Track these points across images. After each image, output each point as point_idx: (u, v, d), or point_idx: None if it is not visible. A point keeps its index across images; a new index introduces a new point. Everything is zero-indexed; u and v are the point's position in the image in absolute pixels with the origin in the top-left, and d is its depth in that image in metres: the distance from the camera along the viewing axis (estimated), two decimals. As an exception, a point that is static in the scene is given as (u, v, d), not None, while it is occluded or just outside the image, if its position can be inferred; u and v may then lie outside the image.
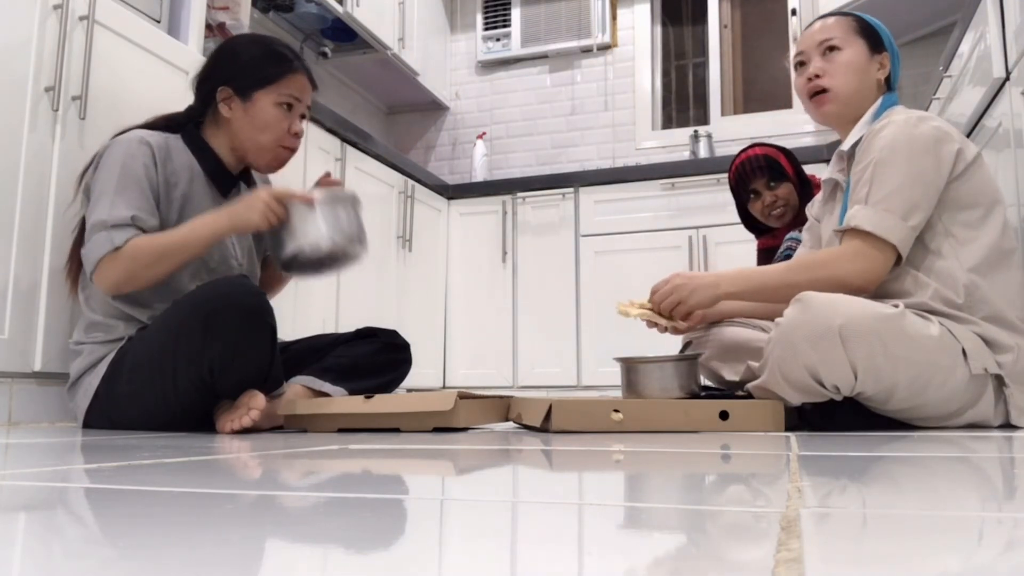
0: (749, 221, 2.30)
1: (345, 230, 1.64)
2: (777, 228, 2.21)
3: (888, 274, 1.48)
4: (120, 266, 1.52)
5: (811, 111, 1.64)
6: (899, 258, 1.45)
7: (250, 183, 1.82)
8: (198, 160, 1.68)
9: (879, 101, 1.59)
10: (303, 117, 1.75)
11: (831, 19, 1.63)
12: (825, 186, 1.71)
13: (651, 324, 1.64)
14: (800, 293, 1.39)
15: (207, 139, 1.71)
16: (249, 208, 1.55)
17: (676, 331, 1.67)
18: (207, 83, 1.69)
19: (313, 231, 1.60)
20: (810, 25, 1.67)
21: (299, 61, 1.73)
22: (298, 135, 1.73)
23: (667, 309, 1.57)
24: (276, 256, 1.65)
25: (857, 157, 1.53)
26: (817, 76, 1.59)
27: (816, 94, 1.59)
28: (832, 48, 1.59)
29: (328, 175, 1.79)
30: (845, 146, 1.60)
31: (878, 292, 1.50)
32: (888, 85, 1.62)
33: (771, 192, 2.17)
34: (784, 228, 2.19)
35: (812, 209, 1.80)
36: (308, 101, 1.75)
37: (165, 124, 1.72)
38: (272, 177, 1.97)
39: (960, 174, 1.46)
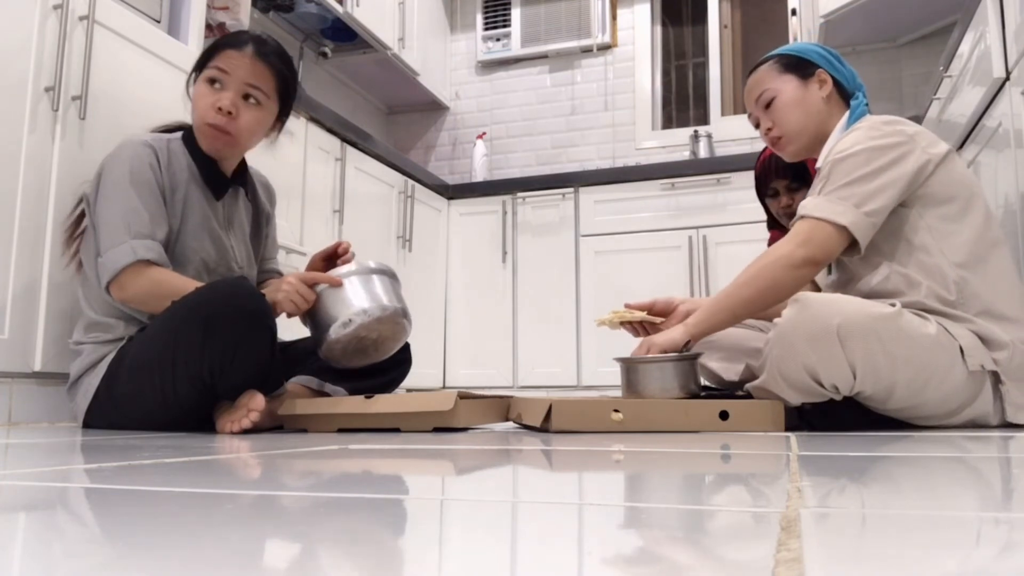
0: (771, 218, 2.27)
1: (382, 301, 1.59)
2: (787, 230, 2.19)
3: (848, 257, 1.51)
4: (143, 286, 1.52)
5: (781, 156, 1.70)
6: (855, 243, 1.45)
7: (246, 185, 1.82)
8: (194, 162, 1.67)
9: (845, 116, 1.60)
10: (247, 97, 1.62)
11: (755, 74, 1.68)
12: None
13: (631, 328, 1.67)
14: (799, 293, 1.40)
15: None
16: (276, 291, 1.55)
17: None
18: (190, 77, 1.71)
19: (343, 306, 1.56)
20: (746, 84, 1.72)
21: (249, 41, 1.62)
22: (222, 110, 1.59)
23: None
24: (316, 344, 1.62)
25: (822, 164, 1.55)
26: (769, 130, 1.65)
27: (775, 143, 1.65)
28: (768, 101, 1.63)
29: (339, 244, 1.82)
30: (819, 163, 1.61)
31: (872, 293, 1.51)
32: (843, 92, 1.63)
33: (789, 195, 2.14)
34: None
35: None
36: (248, 77, 1.60)
37: (175, 125, 1.74)
38: (269, 175, 1.97)
39: (930, 174, 1.48)
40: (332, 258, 1.85)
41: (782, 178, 2.14)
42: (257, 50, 1.62)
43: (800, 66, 1.63)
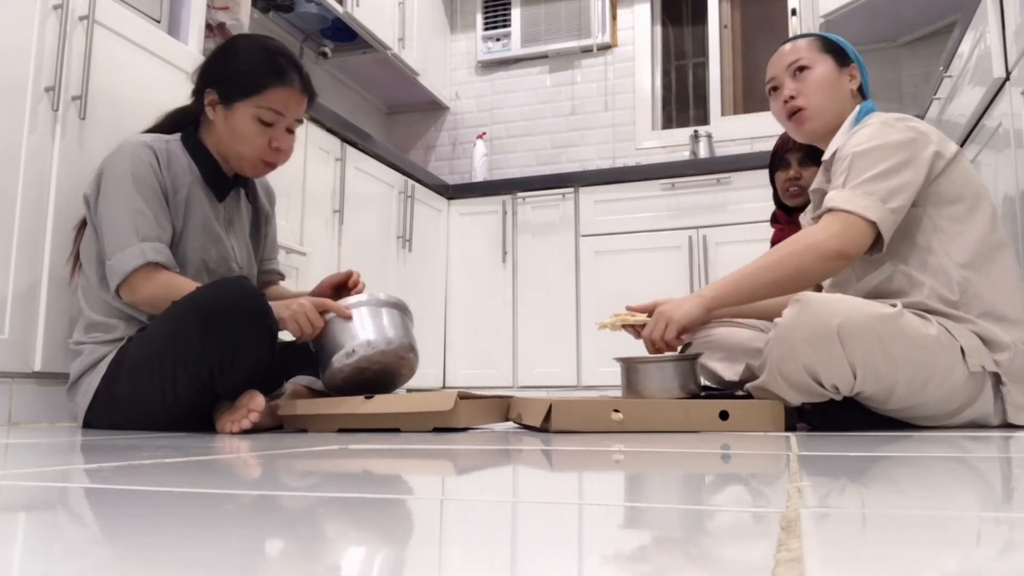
0: (778, 199, 2.28)
1: (388, 334, 1.59)
2: (790, 217, 2.20)
3: (870, 255, 1.50)
4: (153, 289, 1.52)
5: (792, 131, 1.67)
6: (879, 238, 1.45)
7: (248, 186, 1.82)
8: (196, 163, 1.67)
9: (856, 110, 1.60)
10: (291, 131, 1.69)
11: (797, 41, 1.66)
12: (813, 196, 1.72)
13: (632, 331, 1.66)
14: (799, 293, 1.40)
15: (203, 140, 1.69)
16: (286, 308, 1.55)
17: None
18: (199, 82, 1.69)
19: (348, 336, 1.56)
20: (777, 50, 1.69)
21: (293, 72, 1.66)
22: (280, 149, 1.67)
23: (659, 338, 1.54)
24: (320, 372, 1.61)
25: (837, 158, 1.54)
26: (792, 97, 1.61)
27: (793, 114, 1.62)
28: (802, 68, 1.61)
29: (350, 273, 1.82)
30: (827, 155, 1.60)
31: (874, 292, 1.50)
32: (861, 94, 1.64)
33: (798, 168, 2.15)
34: (796, 225, 2.17)
35: (805, 219, 1.81)
36: (298, 114, 1.68)
37: (170, 124, 1.73)
38: (268, 175, 1.97)
39: (941, 172, 1.47)
40: (342, 287, 1.85)
41: (797, 151, 2.15)
42: (303, 85, 1.68)
43: (839, 53, 1.63)
